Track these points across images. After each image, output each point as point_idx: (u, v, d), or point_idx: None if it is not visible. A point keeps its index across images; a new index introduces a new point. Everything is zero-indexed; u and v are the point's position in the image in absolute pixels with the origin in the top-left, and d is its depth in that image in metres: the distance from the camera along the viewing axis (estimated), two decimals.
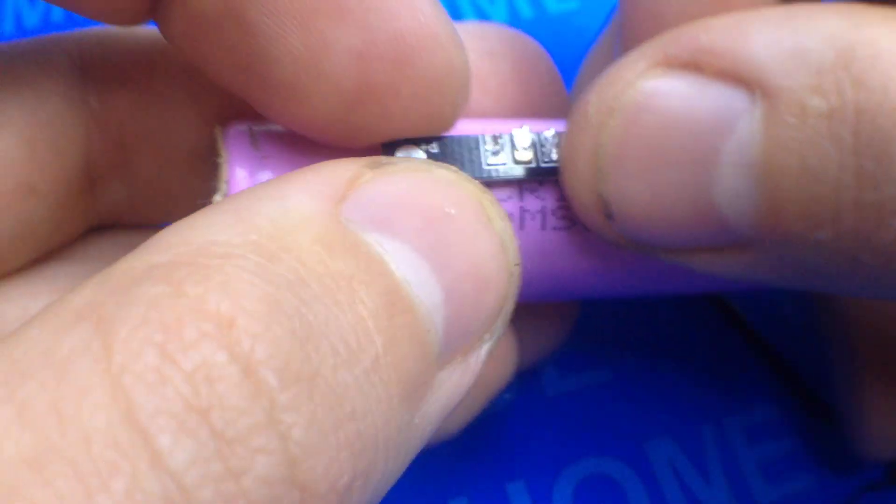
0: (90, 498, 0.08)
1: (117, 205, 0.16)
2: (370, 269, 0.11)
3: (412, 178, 0.12)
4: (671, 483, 0.21)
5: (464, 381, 0.12)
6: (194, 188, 0.15)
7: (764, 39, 0.12)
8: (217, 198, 0.14)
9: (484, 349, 0.12)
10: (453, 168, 0.13)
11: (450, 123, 0.14)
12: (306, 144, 0.14)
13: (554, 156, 0.15)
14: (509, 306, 0.13)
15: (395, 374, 0.10)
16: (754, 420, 0.22)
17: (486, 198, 0.12)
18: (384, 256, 0.11)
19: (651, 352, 0.23)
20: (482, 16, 0.28)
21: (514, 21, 0.28)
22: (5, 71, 0.14)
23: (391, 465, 0.10)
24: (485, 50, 0.18)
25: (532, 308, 0.18)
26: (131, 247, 0.16)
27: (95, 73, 0.15)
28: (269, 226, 0.10)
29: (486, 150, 0.15)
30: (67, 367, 0.08)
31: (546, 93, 0.18)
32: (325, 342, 0.10)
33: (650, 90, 0.13)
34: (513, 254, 0.13)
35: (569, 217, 0.15)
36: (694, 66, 0.13)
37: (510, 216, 0.15)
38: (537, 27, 0.28)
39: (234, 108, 0.15)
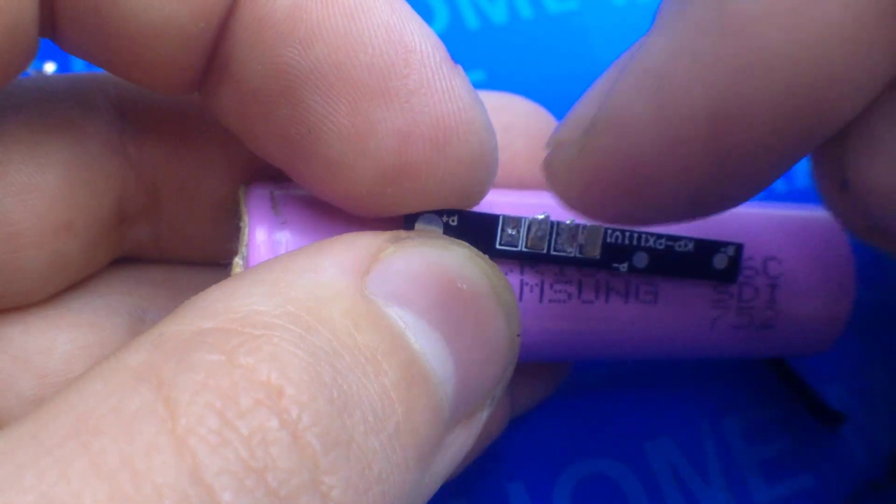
0: None
1: (142, 243, 0.17)
2: (392, 343, 0.12)
3: (429, 254, 0.13)
4: (670, 483, 0.21)
5: (467, 441, 0.13)
6: (216, 234, 0.16)
7: None
8: (238, 259, 0.15)
9: (485, 413, 0.13)
10: (466, 245, 0.14)
11: (476, 201, 0.15)
12: (324, 209, 0.15)
13: (567, 248, 0.15)
14: (510, 373, 0.14)
15: (412, 439, 0.11)
16: (754, 420, 0.22)
17: (495, 273, 0.14)
18: (404, 330, 0.12)
19: None
20: (482, 16, 0.28)
21: (514, 21, 0.28)
22: (50, 110, 0.15)
23: None
24: (500, 123, 0.19)
25: (526, 365, 0.19)
26: (152, 282, 0.17)
27: (133, 119, 0.16)
28: (304, 298, 0.11)
29: (502, 232, 0.15)
30: (135, 426, 0.09)
31: None
32: (358, 410, 0.11)
33: None
34: (515, 325, 0.14)
35: (565, 291, 0.16)
36: None
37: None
38: (537, 27, 0.28)
39: (262, 164, 0.16)
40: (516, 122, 0.19)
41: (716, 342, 0.18)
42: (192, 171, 0.16)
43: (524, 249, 0.15)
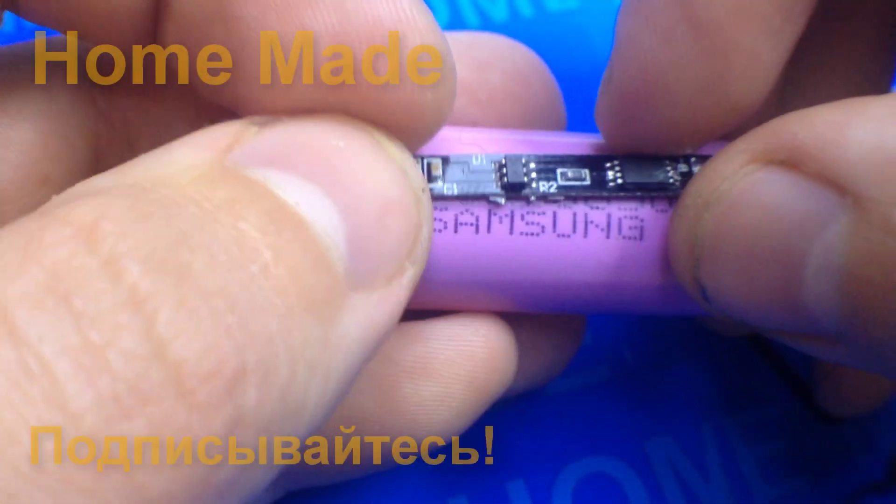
0: None
1: None
2: (253, 192, 0.11)
3: (298, 125, 0.12)
4: (671, 482, 0.21)
5: (387, 307, 0.12)
6: None
7: (861, 143, 0.12)
8: None
9: (406, 276, 0.13)
10: (344, 116, 0.13)
11: (435, 123, 0.14)
12: None
13: (494, 187, 0.15)
14: (426, 232, 0.13)
15: (291, 284, 0.11)
16: (754, 420, 0.22)
17: (379, 132, 0.13)
18: (267, 183, 0.11)
19: (651, 351, 0.23)
20: (482, 15, 0.28)
21: (514, 20, 0.28)
22: (18, 69, 0.15)
23: (309, 379, 0.11)
24: (473, 60, 0.18)
25: (533, 325, 0.18)
26: None
27: (101, 72, 0.16)
28: (147, 173, 0.11)
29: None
30: None
31: (539, 104, 0.19)
32: (202, 247, 0.10)
33: (745, 186, 0.13)
34: (417, 179, 0.13)
35: (538, 223, 0.15)
36: (790, 163, 0.13)
37: (467, 224, 0.15)
38: (537, 26, 0.28)
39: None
40: (492, 59, 0.18)
41: None
42: (164, 123, 0.16)
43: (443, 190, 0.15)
